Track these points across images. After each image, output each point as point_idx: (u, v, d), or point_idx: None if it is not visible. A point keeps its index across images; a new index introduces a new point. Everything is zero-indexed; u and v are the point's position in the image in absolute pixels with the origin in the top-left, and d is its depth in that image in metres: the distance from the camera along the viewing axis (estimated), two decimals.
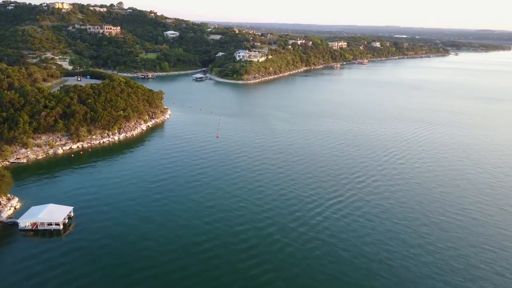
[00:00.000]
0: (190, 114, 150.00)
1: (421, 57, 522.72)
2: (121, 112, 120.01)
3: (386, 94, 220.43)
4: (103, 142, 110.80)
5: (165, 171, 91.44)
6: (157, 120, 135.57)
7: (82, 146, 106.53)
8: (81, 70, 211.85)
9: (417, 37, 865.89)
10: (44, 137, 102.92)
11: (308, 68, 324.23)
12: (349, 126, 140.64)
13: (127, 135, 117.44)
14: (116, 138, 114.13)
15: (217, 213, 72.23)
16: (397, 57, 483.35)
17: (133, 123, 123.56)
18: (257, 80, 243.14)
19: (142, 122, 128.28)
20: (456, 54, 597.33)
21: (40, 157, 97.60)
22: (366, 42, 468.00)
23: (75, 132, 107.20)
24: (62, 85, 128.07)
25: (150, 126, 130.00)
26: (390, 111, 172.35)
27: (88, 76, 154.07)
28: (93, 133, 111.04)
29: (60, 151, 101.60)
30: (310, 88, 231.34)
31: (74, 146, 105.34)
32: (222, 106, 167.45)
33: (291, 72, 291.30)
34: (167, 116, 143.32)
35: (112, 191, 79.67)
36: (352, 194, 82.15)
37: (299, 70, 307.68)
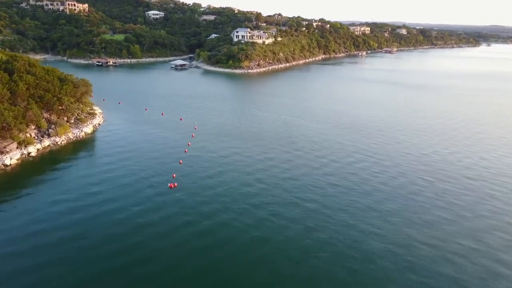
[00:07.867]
0: (139, 125, 79.42)
1: (452, 47, 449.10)
2: None
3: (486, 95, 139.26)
4: None
5: None
6: (56, 139, 65.15)
7: None
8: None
9: (435, 29, 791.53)
10: None
11: (328, 56, 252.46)
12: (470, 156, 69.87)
13: None
14: None
15: None
16: (426, 46, 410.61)
17: None
18: (262, 69, 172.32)
19: (15, 147, 58.10)
20: (489, 45, 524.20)
21: None
22: (390, 29, 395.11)
23: None
24: None
25: (34, 154, 59.79)
26: None
27: None
28: None
29: None
30: (342, 78, 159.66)
31: None
32: (204, 109, 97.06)
33: (306, 60, 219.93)
34: (88, 129, 72.40)
35: None
36: None
37: (317, 58, 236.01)
